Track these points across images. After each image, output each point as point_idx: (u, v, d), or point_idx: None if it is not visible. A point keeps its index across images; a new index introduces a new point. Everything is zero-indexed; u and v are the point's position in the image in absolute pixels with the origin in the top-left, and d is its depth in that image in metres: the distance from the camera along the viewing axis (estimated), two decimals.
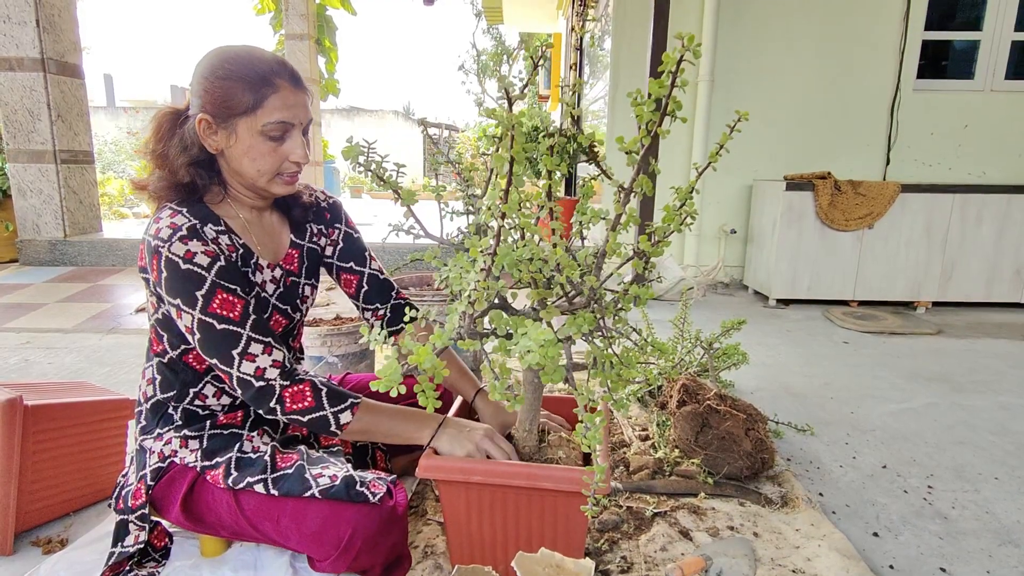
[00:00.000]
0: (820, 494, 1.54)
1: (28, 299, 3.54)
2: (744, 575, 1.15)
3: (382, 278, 1.34)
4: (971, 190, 3.44)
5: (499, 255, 0.88)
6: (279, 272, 1.17)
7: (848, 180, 3.45)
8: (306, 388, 1.03)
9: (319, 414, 1.03)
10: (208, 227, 1.04)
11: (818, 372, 2.46)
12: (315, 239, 1.27)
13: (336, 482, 1.00)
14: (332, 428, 1.04)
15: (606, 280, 1.00)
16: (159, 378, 1.11)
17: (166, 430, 1.10)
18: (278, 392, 1.01)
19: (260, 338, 1.02)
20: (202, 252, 0.99)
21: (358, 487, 0.99)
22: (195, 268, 0.98)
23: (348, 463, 1.11)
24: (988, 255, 3.49)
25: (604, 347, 0.98)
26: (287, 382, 1.02)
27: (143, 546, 1.06)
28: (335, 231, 1.30)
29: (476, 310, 0.89)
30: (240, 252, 1.09)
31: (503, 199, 0.86)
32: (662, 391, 1.82)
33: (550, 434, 1.20)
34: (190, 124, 1.05)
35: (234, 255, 1.07)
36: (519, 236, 1.01)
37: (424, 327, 1.34)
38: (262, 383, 1.01)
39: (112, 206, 6.72)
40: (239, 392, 1.02)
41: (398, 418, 1.11)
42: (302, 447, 1.12)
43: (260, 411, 1.03)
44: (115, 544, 1.06)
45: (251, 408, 1.15)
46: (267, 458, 1.06)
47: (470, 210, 1.26)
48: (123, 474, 1.15)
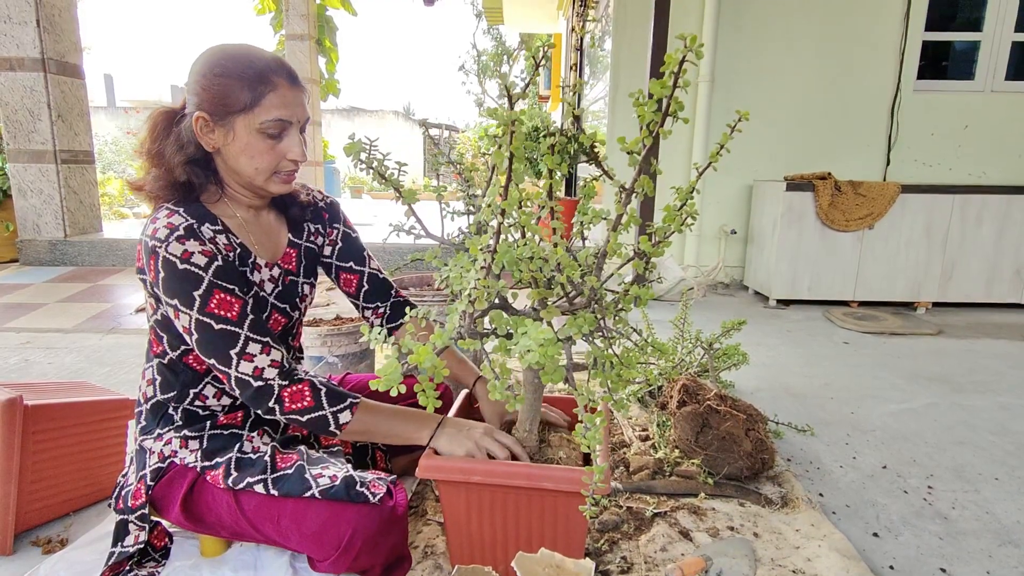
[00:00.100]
0: (820, 494, 1.53)
1: (28, 299, 3.54)
2: (744, 575, 1.15)
3: (381, 277, 1.35)
4: (971, 191, 3.44)
5: (499, 252, 0.88)
6: (277, 271, 1.17)
7: (848, 180, 3.45)
8: (305, 388, 1.03)
9: (318, 414, 1.03)
10: (205, 227, 1.04)
11: (818, 372, 2.46)
12: (313, 238, 1.27)
13: (336, 482, 1.00)
14: (331, 428, 1.04)
15: (607, 280, 1.00)
16: (159, 379, 1.11)
17: (166, 430, 1.10)
18: (277, 392, 1.01)
19: (258, 338, 1.02)
20: (199, 252, 0.99)
21: (358, 487, 0.99)
22: (192, 268, 0.98)
23: (348, 463, 1.11)
24: (988, 255, 3.49)
25: (604, 347, 0.98)
26: (286, 382, 1.02)
27: (143, 546, 1.06)
28: (334, 231, 1.30)
29: (476, 309, 0.89)
30: (237, 251, 1.09)
31: (503, 195, 0.86)
32: (662, 391, 1.82)
33: (551, 433, 1.20)
34: (186, 123, 1.04)
35: (231, 254, 1.07)
36: (520, 235, 1.01)
37: (424, 327, 1.34)
38: (261, 383, 1.01)
39: (112, 206, 6.73)
40: (238, 392, 1.02)
41: (397, 418, 1.11)
42: (302, 447, 1.12)
43: (259, 411, 1.03)
44: (115, 544, 1.06)
45: (251, 408, 1.15)
46: (267, 458, 1.06)
47: (471, 210, 1.26)
48: (123, 474, 1.15)
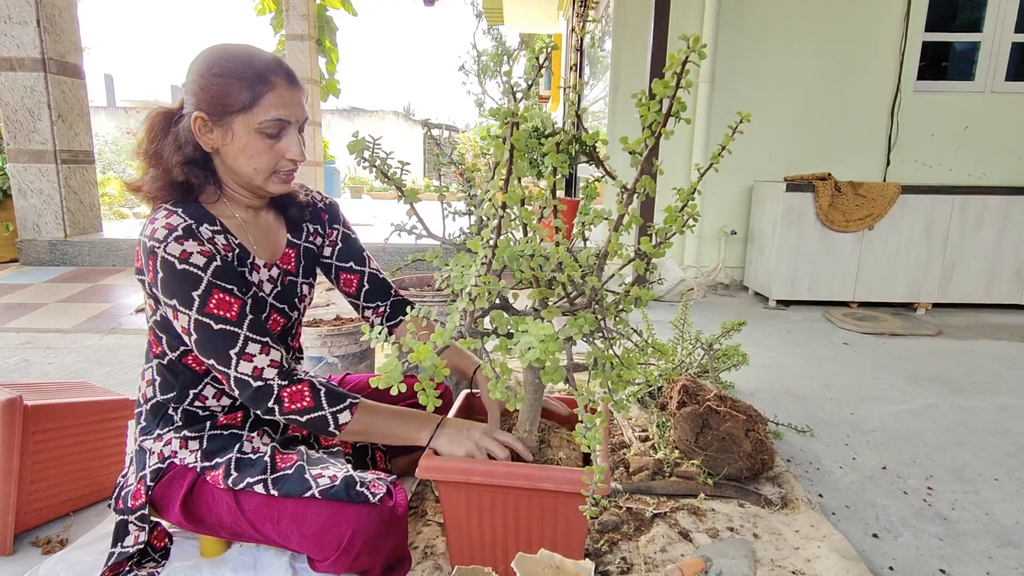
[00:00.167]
0: (820, 495, 1.53)
1: (28, 299, 3.54)
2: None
3: (381, 277, 1.36)
4: (971, 191, 3.44)
5: (499, 247, 0.88)
6: (276, 271, 1.17)
7: (848, 181, 3.45)
8: (304, 388, 1.03)
9: (318, 414, 1.03)
10: (204, 227, 1.04)
11: (818, 373, 2.46)
12: (311, 239, 1.27)
13: (336, 482, 1.00)
14: (331, 428, 1.04)
15: (607, 281, 1.00)
16: (159, 379, 1.11)
17: (166, 431, 1.10)
18: (276, 392, 1.01)
19: (257, 338, 1.02)
20: (198, 252, 0.99)
21: (358, 487, 0.99)
22: (191, 268, 0.98)
23: (348, 464, 1.11)
24: (988, 256, 3.49)
25: (605, 348, 0.98)
26: (285, 382, 1.02)
27: (143, 546, 1.06)
28: (334, 232, 1.30)
29: (477, 307, 0.89)
30: (236, 252, 1.09)
31: (504, 189, 0.86)
32: (662, 392, 1.82)
33: (550, 434, 1.20)
34: (185, 123, 1.04)
35: (230, 255, 1.07)
36: (521, 233, 1.01)
37: (425, 326, 1.34)
38: (260, 383, 1.01)
39: (112, 206, 6.73)
40: (237, 393, 1.02)
41: (397, 419, 1.11)
42: (302, 448, 1.12)
43: (258, 411, 1.03)
44: (115, 544, 1.06)
45: (250, 409, 1.15)
46: (267, 459, 1.05)
47: (472, 210, 1.26)
48: (123, 474, 1.15)
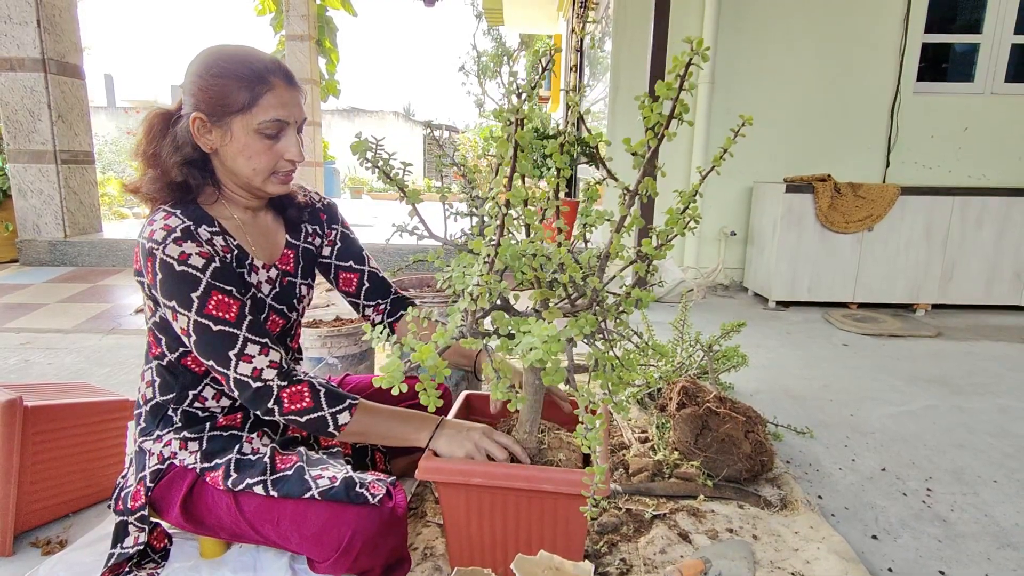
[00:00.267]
0: (819, 496, 1.54)
1: (28, 299, 3.54)
2: None
3: (381, 275, 1.37)
4: (971, 193, 3.44)
5: (502, 247, 0.88)
6: (275, 272, 1.17)
7: (848, 183, 3.45)
8: (304, 389, 1.03)
9: (317, 415, 1.03)
10: (202, 228, 1.04)
11: (817, 374, 2.47)
12: (310, 239, 1.27)
13: (336, 483, 1.00)
14: (330, 429, 1.04)
15: (609, 282, 1.00)
16: (158, 381, 1.11)
17: (166, 432, 1.10)
18: (276, 393, 1.01)
19: (256, 339, 1.02)
20: (196, 253, 0.99)
21: (358, 489, 0.99)
22: (190, 270, 0.98)
23: (348, 465, 1.11)
24: (988, 257, 3.49)
25: (606, 349, 0.98)
26: (285, 382, 1.02)
27: (142, 547, 1.06)
28: (332, 232, 1.31)
29: (479, 308, 0.89)
30: (235, 253, 1.09)
31: (507, 186, 0.86)
32: (662, 393, 1.82)
33: (550, 435, 1.20)
34: (183, 123, 1.04)
35: (229, 256, 1.07)
36: (523, 233, 1.01)
37: (426, 327, 1.34)
38: (259, 384, 1.01)
39: (112, 206, 6.72)
40: (236, 393, 1.02)
41: (396, 420, 1.11)
42: (301, 448, 1.12)
43: (258, 412, 1.03)
44: (114, 545, 1.06)
45: (250, 410, 1.15)
46: (267, 460, 1.06)
47: (473, 211, 1.26)
48: (123, 475, 1.15)
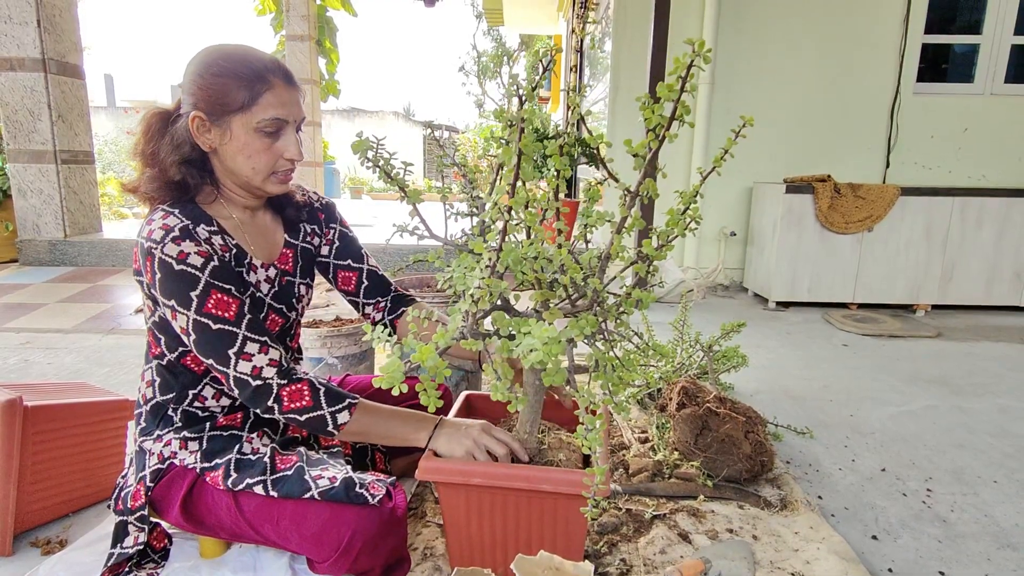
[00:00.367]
0: (819, 497, 1.54)
1: (28, 299, 3.54)
2: None
3: (380, 273, 1.37)
4: (971, 193, 3.44)
5: (504, 252, 0.88)
6: (273, 272, 1.17)
7: (848, 183, 3.45)
8: (304, 387, 1.03)
9: (316, 413, 1.03)
10: (200, 227, 1.04)
11: (817, 375, 2.47)
12: (309, 238, 1.27)
13: (335, 484, 1.00)
14: (329, 428, 1.04)
15: (609, 283, 1.00)
16: (158, 380, 1.11)
17: (166, 432, 1.10)
18: (275, 391, 1.01)
19: (256, 337, 1.02)
20: (195, 252, 0.99)
21: (357, 489, 0.99)
22: (189, 269, 0.98)
23: (348, 465, 1.11)
24: (988, 258, 3.49)
25: (606, 350, 0.98)
26: (284, 381, 1.02)
27: (142, 547, 1.06)
28: (331, 231, 1.31)
29: (480, 309, 0.89)
30: (233, 252, 1.09)
31: (510, 193, 0.86)
32: (662, 393, 1.82)
33: (550, 435, 1.20)
34: (182, 123, 1.05)
35: (227, 255, 1.07)
36: (525, 235, 1.01)
37: (427, 327, 1.34)
38: (259, 382, 1.01)
39: (112, 206, 6.72)
40: (236, 392, 1.02)
41: (395, 419, 1.11)
42: (302, 449, 1.12)
43: (258, 411, 1.03)
44: (114, 545, 1.06)
45: (250, 409, 1.15)
46: (267, 460, 1.06)
47: (474, 211, 1.26)
48: (123, 475, 1.15)
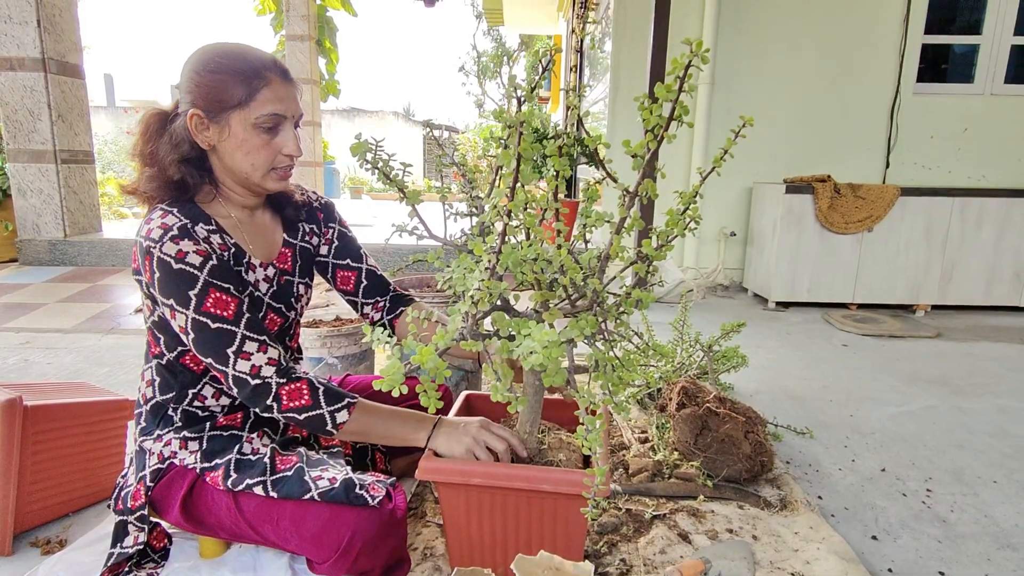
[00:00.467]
0: (819, 497, 1.54)
1: (28, 299, 3.54)
2: None
3: (379, 273, 1.37)
4: (971, 194, 3.44)
5: (504, 254, 0.88)
6: (272, 271, 1.17)
7: (848, 183, 3.45)
8: (303, 386, 1.03)
9: (315, 412, 1.03)
10: (199, 226, 1.04)
11: (817, 375, 2.47)
12: (308, 238, 1.27)
13: (335, 484, 1.00)
14: (328, 427, 1.04)
15: (609, 283, 1.00)
16: (158, 380, 1.11)
17: (166, 431, 1.10)
18: (274, 390, 1.01)
19: (255, 336, 1.02)
20: (194, 251, 0.99)
21: (357, 490, 0.99)
22: (187, 268, 0.98)
23: (348, 465, 1.11)
24: (987, 258, 3.49)
25: (606, 350, 0.98)
26: (283, 380, 1.02)
27: (142, 547, 1.06)
28: (330, 230, 1.31)
29: (479, 310, 0.89)
30: (232, 251, 1.09)
31: (510, 196, 0.86)
32: (661, 394, 1.82)
33: (549, 435, 1.20)
34: (180, 121, 1.05)
35: (226, 254, 1.07)
36: (524, 236, 1.01)
37: (427, 327, 1.34)
38: (258, 381, 1.01)
39: (112, 206, 6.72)
40: (235, 391, 1.02)
41: (394, 419, 1.11)
42: (301, 449, 1.12)
43: (257, 410, 1.03)
44: (114, 545, 1.06)
45: (250, 409, 1.15)
46: (267, 460, 1.06)
47: (474, 211, 1.26)
48: (122, 475, 1.15)
